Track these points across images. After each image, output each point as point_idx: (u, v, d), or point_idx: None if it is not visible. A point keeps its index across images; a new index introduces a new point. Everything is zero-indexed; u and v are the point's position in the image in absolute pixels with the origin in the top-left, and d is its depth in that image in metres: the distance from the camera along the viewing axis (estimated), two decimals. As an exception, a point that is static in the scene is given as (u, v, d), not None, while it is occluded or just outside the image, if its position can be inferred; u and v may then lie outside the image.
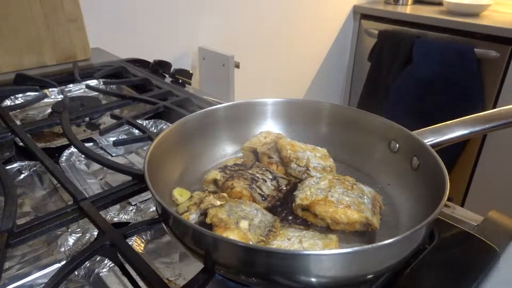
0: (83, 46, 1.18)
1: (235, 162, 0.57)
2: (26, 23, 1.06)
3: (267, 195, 0.51)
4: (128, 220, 0.53)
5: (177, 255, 0.49)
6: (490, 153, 1.78)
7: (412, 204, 0.50)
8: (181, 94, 0.88)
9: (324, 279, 0.35)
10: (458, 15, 1.83)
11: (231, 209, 0.44)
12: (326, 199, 0.47)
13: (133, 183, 0.54)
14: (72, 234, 0.50)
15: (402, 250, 0.37)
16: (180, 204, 0.50)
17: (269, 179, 0.54)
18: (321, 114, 0.64)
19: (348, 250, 0.34)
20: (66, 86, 0.97)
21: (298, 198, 0.50)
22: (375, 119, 0.59)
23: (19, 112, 0.89)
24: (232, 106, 0.63)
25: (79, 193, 0.51)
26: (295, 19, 1.93)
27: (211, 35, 1.63)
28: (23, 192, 0.61)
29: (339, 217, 0.46)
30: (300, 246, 0.42)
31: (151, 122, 0.80)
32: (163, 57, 1.14)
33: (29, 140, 0.65)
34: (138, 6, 1.39)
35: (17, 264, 0.46)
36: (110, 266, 0.46)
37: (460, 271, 0.44)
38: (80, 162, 0.68)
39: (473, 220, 0.52)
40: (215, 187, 0.54)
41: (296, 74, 2.10)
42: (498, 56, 1.66)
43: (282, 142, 0.59)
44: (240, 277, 0.38)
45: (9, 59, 1.06)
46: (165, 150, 0.53)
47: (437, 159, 0.47)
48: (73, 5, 1.13)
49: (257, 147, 0.59)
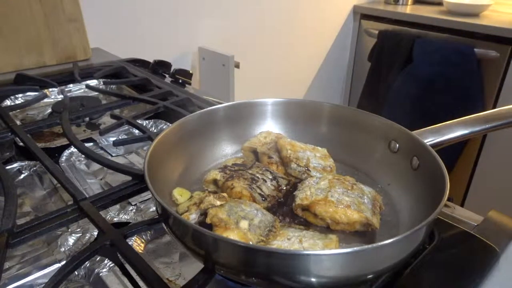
0: (83, 46, 1.18)
1: (235, 162, 0.57)
2: (26, 23, 1.06)
3: (267, 195, 0.51)
4: (128, 220, 0.53)
5: (177, 255, 0.49)
6: (490, 153, 1.78)
7: (412, 204, 0.50)
8: (181, 94, 0.88)
9: (324, 279, 0.35)
10: (458, 15, 1.83)
11: (231, 209, 0.44)
12: (326, 199, 0.47)
13: (133, 183, 0.54)
14: (72, 234, 0.50)
15: (402, 250, 0.37)
16: (180, 204, 0.50)
17: (269, 179, 0.54)
18: (321, 114, 0.64)
19: (348, 250, 0.34)
20: (66, 86, 0.97)
21: (298, 198, 0.50)
22: (375, 119, 0.59)
23: (19, 112, 0.89)
24: (232, 106, 0.63)
25: (79, 193, 0.51)
26: (295, 19, 1.93)
27: (211, 35, 1.63)
28: (23, 192, 0.61)
29: (339, 217, 0.46)
30: (300, 246, 0.42)
31: (151, 122, 0.80)
32: (163, 57, 1.14)
33: (29, 140, 0.65)
34: (138, 6, 1.39)
35: (17, 264, 0.46)
36: (110, 266, 0.46)
37: (460, 271, 0.44)
38: (80, 162, 0.68)
39: (473, 220, 0.52)
40: (215, 187, 0.54)
41: (296, 74, 2.10)
42: (498, 56, 1.66)
43: (282, 142, 0.59)
44: (240, 277, 0.38)
45: (9, 59, 1.06)
46: (165, 150, 0.53)
47: (437, 159, 0.47)
48: (73, 5, 1.13)
49: (257, 147, 0.59)
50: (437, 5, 2.06)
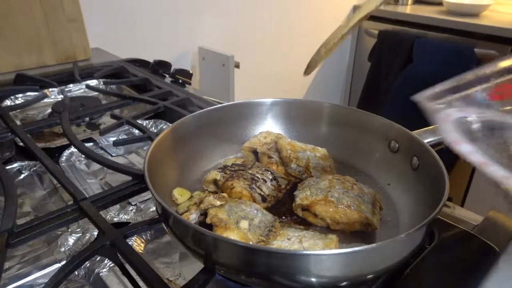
0: (83, 46, 1.18)
1: (235, 162, 0.57)
2: (26, 23, 1.06)
3: (267, 195, 0.51)
4: (128, 220, 0.53)
5: (177, 255, 0.49)
6: (490, 153, 1.78)
7: (412, 204, 0.50)
8: (181, 94, 0.88)
9: (324, 279, 0.35)
10: (458, 15, 1.83)
11: (231, 209, 0.44)
12: (326, 199, 0.47)
13: (133, 183, 0.54)
14: (72, 234, 0.50)
15: (402, 250, 0.37)
16: (180, 204, 0.50)
17: (269, 179, 0.54)
18: (321, 114, 0.64)
19: (348, 250, 0.34)
20: (66, 86, 0.97)
21: (298, 198, 0.50)
22: (375, 119, 0.59)
23: (19, 112, 0.89)
24: (232, 106, 0.63)
25: (79, 193, 0.51)
26: (295, 19, 1.93)
27: (211, 35, 1.63)
28: (23, 192, 0.61)
29: (339, 217, 0.47)
30: (300, 246, 0.42)
31: (151, 122, 0.80)
32: (163, 57, 1.14)
33: (29, 140, 0.65)
34: (138, 6, 1.39)
35: (17, 264, 0.46)
36: (110, 266, 0.46)
37: (460, 271, 0.44)
38: (80, 162, 0.68)
39: (473, 220, 0.52)
40: (215, 187, 0.54)
41: (296, 74, 2.09)
42: (498, 56, 1.65)
43: (282, 142, 0.59)
44: (240, 277, 0.38)
45: (9, 59, 1.06)
46: (165, 150, 0.53)
47: (437, 159, 0.47)
48: (73, 5, 1.13)
49: (257, 147, 0.59)
50: (437, 5, 2.06)
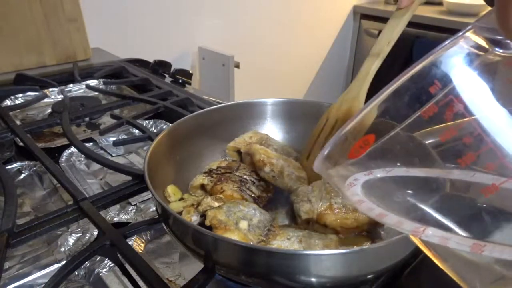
0: (83, 46, 1.18)
1: (219, 165, 0.55)
2: (26, 23, 1.06)
3: (257, 196, 0.51)
4: (128, 220, 0.53)
5: (177, 255, 0.49)
6: (490, 153, 1.78)
7: (412, 204, 0.50)
8: (181, 94, 0.88)
9: (324, 279, 0.35)
10: (458, 15, 1.83)
11: (229, 210, 0.44)
12: (331, 206, 0.46)
13: (133, 183, 0.54)
14: (72, 234, 0.50)
15: (402, 250, 0.37)
16: (171, 202, 0.49)
17: (257, 180, 0.53)
18: (321, 114, 0.64)
19: (348, 250, 0.34)
20: (66, 86, 0.97)
21: (302, 212, 0.47)
22: (375, 119, 0.58)
23: (19, 112, 0.89)
24: (232, 106, 0.63)
25: (79, 193, 0.51)
26: (295, 19, 1.93)
27: (211, 35, 1.63)
28: (23, 192, 0.61)
29: (350, 222, 0.45)
30: (300, 246, 0.42)
31: (151, 122, 0.80)
32: (163, 57, 1.14)
33: (29, 140, 0.65)
34: (138, 6, 1.39)
35: (17, 264, 0.46)
36: (110, 266, 0.46)
37: (460, 271, 0.44)
38: (80, 162, 0.68)
39: (473, 220, 0.52)
40: (203, 192, 0.52)
41: (296, 74, 2.10)
42: (498, 56, 1.65)
43: (256, 147, 0.56)
44: (240, 277, 0.38)
45: (9, 59, 1.06)
46: (165, 150, 0.53)
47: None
48: (73, 5, 1.13)
49: (241, 147, 0.58)
50: (437, 5, 2.06)
